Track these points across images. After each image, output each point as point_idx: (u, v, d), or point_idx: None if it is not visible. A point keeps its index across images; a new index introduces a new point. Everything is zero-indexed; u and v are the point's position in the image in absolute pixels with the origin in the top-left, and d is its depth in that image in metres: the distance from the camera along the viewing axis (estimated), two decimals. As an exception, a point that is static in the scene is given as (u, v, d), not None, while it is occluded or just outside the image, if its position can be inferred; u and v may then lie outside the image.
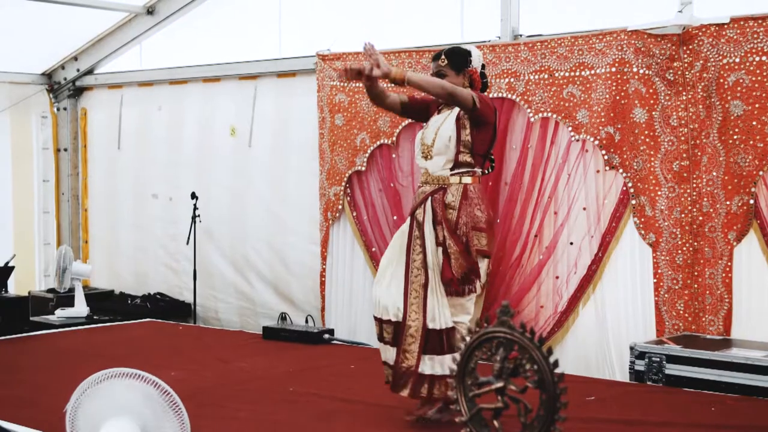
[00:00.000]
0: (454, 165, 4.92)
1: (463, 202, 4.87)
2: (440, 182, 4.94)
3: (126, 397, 3.31)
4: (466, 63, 5.05)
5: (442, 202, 4.89)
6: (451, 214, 4.86)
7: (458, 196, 4.88)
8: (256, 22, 8.49)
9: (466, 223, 4.85)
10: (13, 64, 9.51)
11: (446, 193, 4.90)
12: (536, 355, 2.73)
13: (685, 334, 6.01)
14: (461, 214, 4.85)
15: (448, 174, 4.92)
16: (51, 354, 6.80)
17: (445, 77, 4.99)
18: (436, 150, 4.94)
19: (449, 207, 4.87)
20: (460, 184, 4.90)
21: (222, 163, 8.73)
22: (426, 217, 4.91)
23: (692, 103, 6.01)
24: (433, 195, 4.92)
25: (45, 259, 9.95)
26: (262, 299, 8.44)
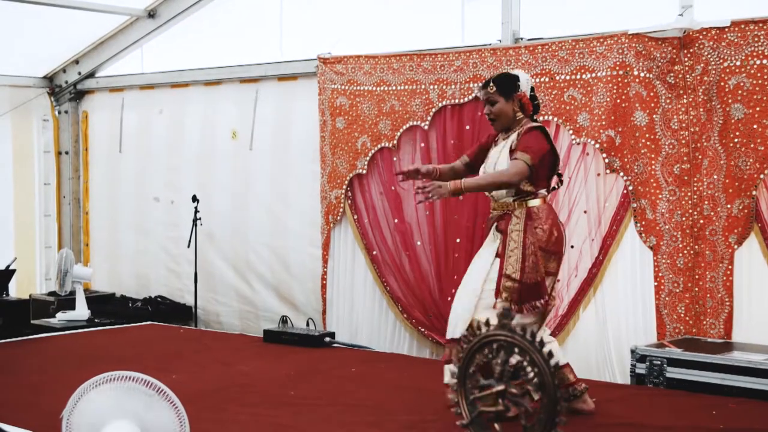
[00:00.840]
0: (516, 192, 4.99)
1: (528, 223, 4.94)
2: (504, 208, 5.04)
3: (126, 400, 3.31)
4: (515, 88, 5.08)
5: (506, 226, 4.97)
6: (518, 235, 4.92)
7: (523, 218, 4.96)
8: (257, 25, 8.50)
9: (534, 242, 4.91)
10: (14, 68, 9.52)
11: (511, 218, 4.98)
12: (537, 358, 2.73)
13: (686, 337, 6.01)
14: (527, 234, 4.92)
15: (512, 200, 5.01)
16: (52, 357, 6.80)
17: (495, 104, 5.07)
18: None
19: (515, 230, 4.94)
20: (523, 207, 4.98)
21: (223, 166, 8.74)
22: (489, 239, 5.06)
23: (693, 106, 6.01)
24: (499, 220, 5.04)
25: (46, 263, 9.95)
26: (263, 302, 8.44)
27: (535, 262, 4.90)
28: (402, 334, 7.34)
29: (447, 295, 6.88)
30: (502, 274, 4.91)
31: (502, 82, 5.10)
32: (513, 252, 4.91)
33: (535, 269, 4.89)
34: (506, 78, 5.14)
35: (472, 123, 6.85)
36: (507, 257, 4.92)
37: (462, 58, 6.90)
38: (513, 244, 4.92)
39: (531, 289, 4.89)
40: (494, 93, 5.08)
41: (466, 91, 6.86)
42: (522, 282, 4.87)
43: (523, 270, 4.88)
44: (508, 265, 4.90)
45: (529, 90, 5.13)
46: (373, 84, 7.35)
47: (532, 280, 4.88)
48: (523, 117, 5.11)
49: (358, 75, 7.42)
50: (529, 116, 5.14)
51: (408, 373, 6.29)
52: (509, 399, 2.82)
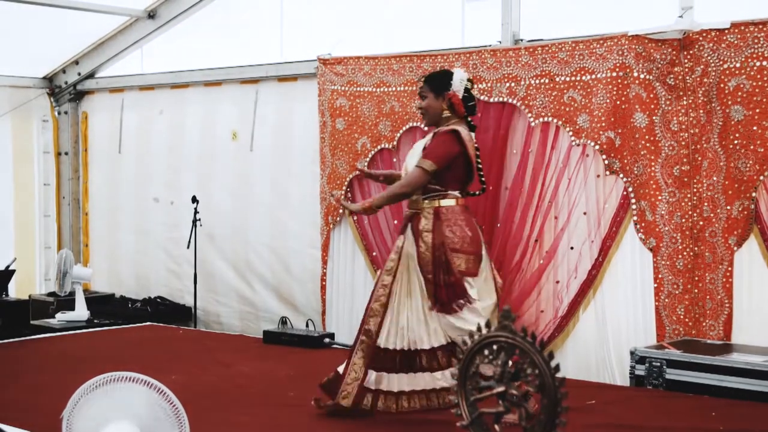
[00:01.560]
0: (424, 191, 5.02)
1: (436, 224, 4.94)
2: (415, 207, 5.05)
3: (126, 400, 3.31)
4: (446, 86, 5.11)
5: (417, 227, 4.98)
6: (427, 236, 4.93)
7: (431, 219, 4.96)
8: (258, 26, 8.50)
9: (443, 243, 4.90)
10: (14, 68, 9.52)
11: (421, 219, 4.99)
12: (537, 359, 2.73)
13: (685, 338, 6.01)
14: (435, 236, 4.92)
15: (421, 198, 5.02)
16: (51, 357, 6.80)
17: (425, 99, 5.14)
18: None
19: (424, 231, 4.95)
20: (431, 207, 4.99)
21: (223, 167, 8.74)
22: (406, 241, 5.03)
23: (693, 108, 6.02)
24: (411, 220, 5.04)
25: (46, 263, 9.95)
26: (263, 303, 8.45)
27: (447, 263, 4.89)
28: (401, 335, 7.33)
29: (447, 296, 6.87)
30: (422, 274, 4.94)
31: (434, 79, 5.17)
32: (425, 254, 4.93)
33: (447, 271, 4.88)
34: (439, 75, 5.21)
35: (472, 124, 6.84)
36: (421, 258, 4.93)
37: (462, 59, 6.91)
38: (423, 246, 4.94)
39: (448, 289, 4.88)
40: (424, 88, 5.15)
41: (466, 92, 6.85)
42: (436, 284, 4.89)
43: (435, 272, 4.89)
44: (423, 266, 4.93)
45: (462, 91, 5.12)
46: (373, 85, 7.35)
47: (445, 281, 4.88)
48: (451, 116, 5.12)
49: (358, 76, 7.43)
50: (462, 117, 5.15)
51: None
52: (509, 400, 2.83)
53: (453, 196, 5.05)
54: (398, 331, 5.00)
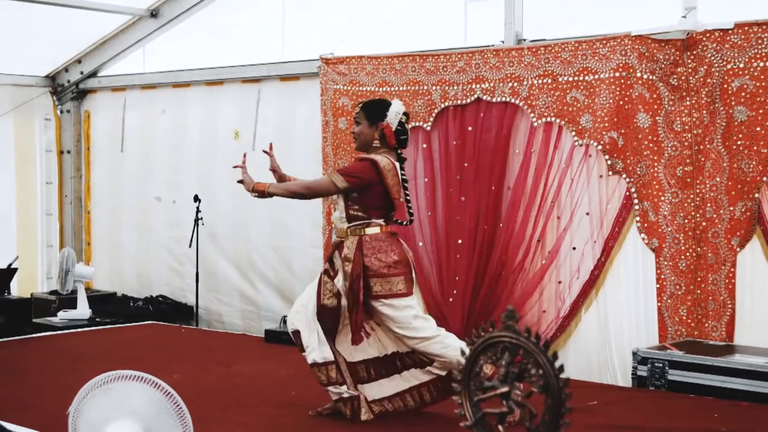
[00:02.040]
0: (348, 218, 5.06)
1: (357, 254, 4.97)
2: (340, 235, 5.10)
3: (130, 399, 3.30)
4: (380, 117, 5.11)
5: (341, 255, 5.04)
6: (347, 266, 4.97)
7: (353, 248, 4.99)
8: (260, 25, 8.50)
9: (359, 273, 4.93)
10: (16, 67, 9.52)
11: (343, 247, 5.03)
12: (541, 359, 2.72)
13: (687, 339, 6.01)
14: (355, 265, 4.95)
15: (345, 227, 5.07)
16: (53, 356, 6.80)
17: (359, 125, 5.15)
18: (336, 203, 5.15)
19: (345, 260, 5.00)
20: (355, 236, 5.01)
21: (225, 167, 8.68)
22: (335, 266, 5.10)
23: (696, 108, 6.01)
24: (337, 247, 5.10)
25: (48, 261, 9.96)
26: (265, 302, 8.45)
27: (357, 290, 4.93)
28: (403, 334, 7.32)
29: (448, 296, 6.88)
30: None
31: (369, 108, 5.18)
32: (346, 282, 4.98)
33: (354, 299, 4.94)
34: (375, 105, 5.23)
35: (475, 124, 6.85)
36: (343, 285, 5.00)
37: (465, 59, 6.90)
38: (341, 275, 5.00)
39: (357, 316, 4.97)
40: (360, 114, 5.16)
41: (469, 92, 6.86)
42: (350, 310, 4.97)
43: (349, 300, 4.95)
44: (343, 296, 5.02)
45: (396, 123, 5.11)
46: (375, 85, 7.34)
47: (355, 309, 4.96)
48: (381, 146, 5.12)
49: (361, 76, 7.42)
50: (393, 148, 5.15)
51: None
52: (513, 401, 2.82)
53: (377, 224, 5.06)
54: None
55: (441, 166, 7.01)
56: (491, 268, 6.74)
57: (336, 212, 5.16)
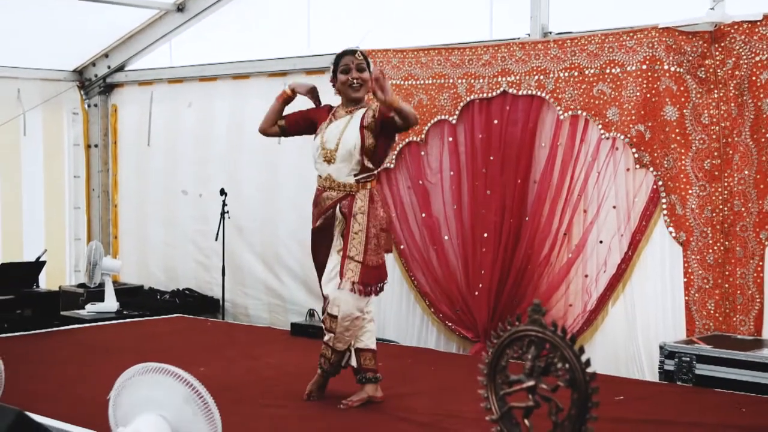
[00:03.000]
0: (359, 171, 5.07)
1: (371, 206, 5.06)
2: (347, 189, 5.10)
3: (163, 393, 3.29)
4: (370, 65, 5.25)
5: (350, 208, 5.06)
6: (361, 218, 5.02)
7: (366, 200, 5.05)
8: (286, 18, 8.51)
9: (375, 225, 5.04)
10: (45, 61, 9.59)
11: (354, 199, 5.06)
12: (568, 353, 2.71)
13: (715, 334, 5.97)
14: (370, 217, 5.03)
15: (354, 181, 5.09)
16: (81, 348, 6.85)
17: (364, 71, 5.19)
18: (340, 156, 5.09)
19: (359, 212, 5.03)
20: (366, 189, 5.08)
21: (252, 160, 8.76)
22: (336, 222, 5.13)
23: (724, 101, 5.97)
24: (341, 201, 5.10)
25: (75, 255, 10.03)
26: (291, 296, 8.47)
27: (377, 245, 5.03)
28: (429, 328, 7.34)
29: (474, 289, 6.87)
30: (346, 255, 5.02)
31: (366, 57, 5.25)
32: (357, 234, 5.01)
33: (376, 251, 5.03)
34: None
35: (500, 117, 6.83)
36: (351, 239, 5.01)
37: (490, 52, 6.88)
38: (357, 227, 5.02)
39: (373, 270, 5.03)
40: (364, 62, 5.19)
41: (495, 85, 6.84)
42: (365, 264, 4.99)
43: (366, 252, 4.99)
44: (352, 248, 5.01)
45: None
46: (401, 78, 7.34)
47: (374, 262, 5.02)
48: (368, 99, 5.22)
49: (386, 69, 7.41)
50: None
51: (435, 368, 6.29)
52: (539, 395, 2.82)
53: (376, 178, 5.17)
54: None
55: (467, 159, 7.00)
56: (517, 261, 6.73)
57: (330, 165, 5.13)
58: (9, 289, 7.96)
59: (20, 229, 9.55)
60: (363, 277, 4.99)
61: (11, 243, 9.41)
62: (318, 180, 5.26)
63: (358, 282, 4.98)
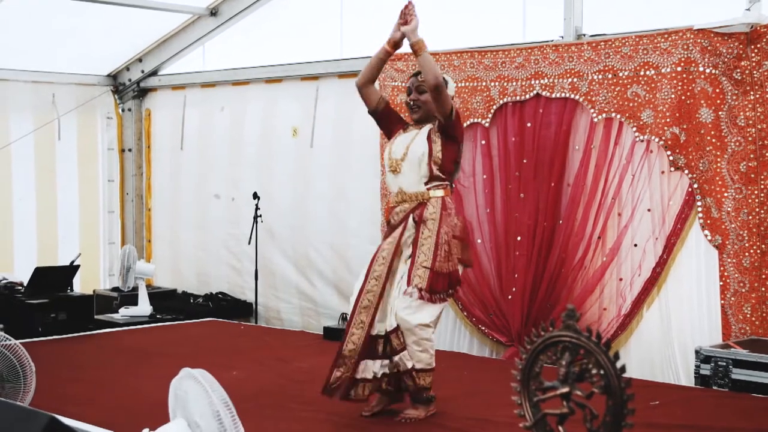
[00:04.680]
0: (429, 179, 5.05)
1: (443, 213, 5.01)
2: (419, 198, 5.07)
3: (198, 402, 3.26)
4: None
5: (421, 215, 5.02)
6: (432, 224, 4.97)
7: (438, 208, 5.01)
8: (318, 22, 8.52)
9: (447, 232, 4.98)
10: (79, 66, 9.67)
11: (426, 207, 5.02)
12: (603, 360, 2.68)
13: (752, 338, 5.90)
14: (442, 224, 4.98)
15: (425, 189, 5.06)
16: (115, 352, 6.88)
17: (424, 93, 5.15)
18: (407, 166, 5.07)
19: (430, 219, 4.99)
20: (438, 198, 5.04)
21: (284, 164, 8.78)
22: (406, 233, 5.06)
23: (760, 102, 5.90)
24: (414, 211, 5.06)
25: (110, 258, 10.10)
26: (323, 299, 8.47)
27: (448, 252, 4.96)
28: (462, 332, 7.30)
29: (507, 293, 6.84)
30: (414, 262, 4.95)
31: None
32: (426, 240, 4.96)
33: (447, 259, 4.95)
34: None
35: (534, 120, 6.79)
36: (420, 245, 4.96)
37: (523, 54, 6.85)
38: (426, 233, 4.97)
39: (441, 277, 4.93)
40: (424, 83, 5.14)
41: (528, 88, 6.80)
42: (433, 270, 4.90)
43: (435, 258, 4.92)
44: (421, 254, 4.94)
45: (452, 95, 5.19)
46: (433, 81, 7.31)
47: (444, 269, 4.94)
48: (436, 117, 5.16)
49: (419, 72, 7.39)
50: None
51: (468, 372, 6.26)
52: (573, 401, 2.79)
53: (448, 187, 5.13)
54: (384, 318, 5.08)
55: (500, 162, 6.97)
56: (551, 265, 6.68)
57: (397, 176, 5.12)
58: (44, 293, 8.03)
59: (55, 233, 9.63)
60: (431, 284, 4.90)
61: (46, 247, 9.50)
62: (390, 197, 5.28)
63: (425, 289, 4.89)
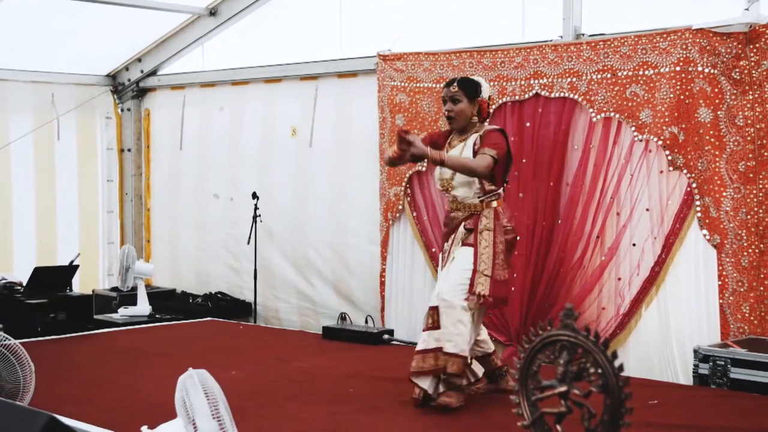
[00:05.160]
0: (482, 193, 5.21)
1: (497, 223, 5.18)
2: (471, 209, 5.26)
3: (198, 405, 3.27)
4: (478, 92, 5.31)
5: (475, 225, 5.19)
6: (488, 235, 5.15)
7: (491, 218, 5.18)
8: (317, 22, 8.52)
9: (502, 241, 5.17)
10: (78, 66, 9.67)
11: (480, 218, 5.19)
12: (601, 358, 2.69)
13: (750, 337, 5.90)
14: (497, 234, 5.16)
15: (478, 201, 5.23)
16: (113, 352, 6.88)
17: (459, 103, 5.26)
18: (458, 182, 5.24)
19: (485, 229, 5.16)
20: (490, 208, 5.21)
21: (283, 164, 8.78)
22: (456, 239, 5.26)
23: (759, 102, 5.90)
24: (467, 220, 5.25)
25: (109, 258, 10.10)
26: (322, 299, 8.47)
27: (505, 260, 5.18)
28: (461, 331, 7.30)
29: (506, 293, 6.84)
30: (476, 270, 5.11)
31: (466, 84, 5.31)
32: (485, 250, 5.13)
33: (503, 267, 5.16)
34: (470, 81, 5.37)
35: (533, 120, 6.80)
36: (479, 254, 5.13)
37: (522, 54, 6.85)
38: (484, 242, 5.14)
39: (501, 285, 5.14)
40: (458, 92, 5.26)
41: (527, 87, 6.81)
42: (493, 278, 5.09)
43: (494, 267, 5.11)
44: (481, 262, 5.12)
45: (487, 97, 5.36)
46: (432, 81, 7.32)
47: (501, 276, 5.14)
48: (477, 121, 5.33)
49: (418, 72, 7.41)
50: (482, 121, 5.37)
51: (467, 372, 6.26)
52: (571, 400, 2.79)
53: (501, 197, 5.29)
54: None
55: (499, 162, 6.97)
56: (549, 264, 6.69)
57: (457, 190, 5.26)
58: (43, 293, 8.02)
59: (54, 233, 9.63)
60: (492, 290, 5.10)
61: (45, 247, 9.50)
62: (447, 202, 5.44)
63: (488, 296, 5.10)
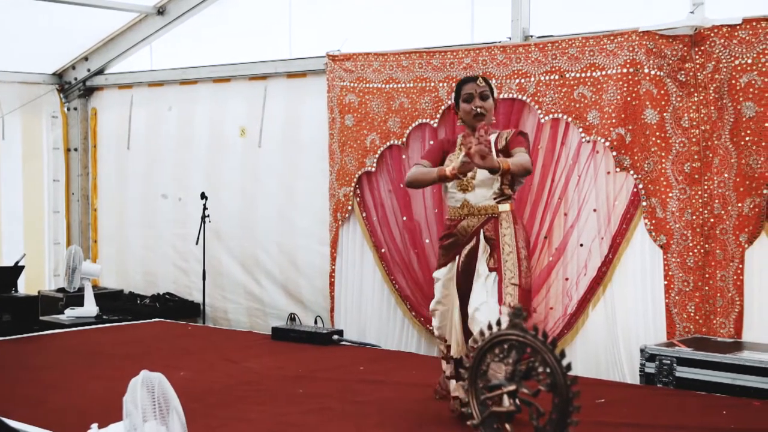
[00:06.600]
0: (500, 195, 4.97)
1: (516, 227, 4.97)
2: (488, 212, 4.96)
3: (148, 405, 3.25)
4: (494, 90, 5.18)
5: (496, 230, 4.93)
6: (510, 240, 4.91)
7: (511, 222, 4.96)
8: (267, 22, 8.50)
9: (523, 247, 4.95)
10: (24, 64, 9.55)
11: (498, 222, 4.94)
12: (549, 358, 2.71)
13: (695, 336, 5.98)
14: (518, 238, 4.93)
15: (494, 203, 4.97)
16: (60, 353, 6.80)
17: (488, 99, 5.04)
18: (479, 181, 4.94)
19: (507, 234, 4.93)
20: (508, 211, 4.97)
21: (232, 164, 8.74)
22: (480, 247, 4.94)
23: (704, 104, 5.98)
24: (484, 226, 4.96)
25: (55, 259, 9.99)
26: (271, 300, 8.45)
27: (528, 267, 4.95)
28: (410, 332, 7.33)
29: (456, 293, 6.86)
30: (502, 279, 4.85)
31: (489, 81, 5.15)
32: (509, 256, 4.89)
33: (527, 274, 4.93)
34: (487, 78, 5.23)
35: (482, 121, 6.82)
36: (503, 262, 4.88)
37: (471, 55, 6.89)
38: (507, 249, 4.91)
39: (527, 293, 4.94)
40: (485, 88, 5.06)
41: (476, 88, 6.83)
42: (521, 287, 4.86)
43: (520, 274, 4.87)
44: (507, 270, 4.87)
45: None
46: (382, 81, 7.33)
47: (527, 285, 4.92)
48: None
49: (368, 72, 7.41)
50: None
51: (416, 372, 6.27)
52: (520, 399, 2.81)
53: (513, 199, 5.09)
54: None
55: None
56: (498, 265, 6.71)
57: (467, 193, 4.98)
58: (-13, 294, 7.92)
59: (-1, 233, 9.51)
60: (521, 300, 4.86)
61: (-10, 247, 9.37)
62: (451, 211, 5.10)
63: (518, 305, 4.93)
